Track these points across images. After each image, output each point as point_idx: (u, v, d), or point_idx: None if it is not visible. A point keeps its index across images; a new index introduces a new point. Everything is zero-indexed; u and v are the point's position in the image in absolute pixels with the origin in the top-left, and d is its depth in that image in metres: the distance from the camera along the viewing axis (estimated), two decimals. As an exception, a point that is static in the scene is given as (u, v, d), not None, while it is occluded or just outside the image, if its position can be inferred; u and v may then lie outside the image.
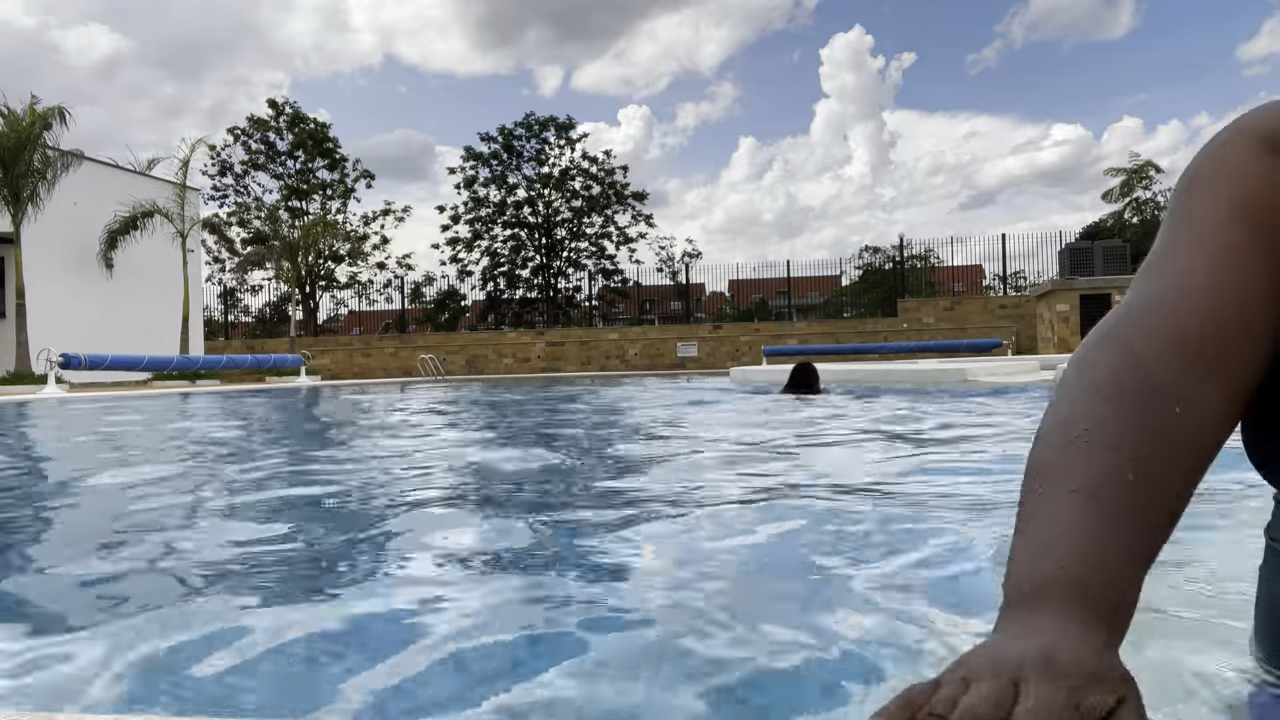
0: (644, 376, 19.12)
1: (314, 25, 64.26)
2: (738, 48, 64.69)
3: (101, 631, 1.48)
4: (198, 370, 18.29)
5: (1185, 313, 0.66)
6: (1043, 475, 0.59)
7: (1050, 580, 0.52)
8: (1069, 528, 0.55)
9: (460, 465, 3.97)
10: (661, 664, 1.26)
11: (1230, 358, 0.64)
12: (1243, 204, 0.70)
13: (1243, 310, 0.66)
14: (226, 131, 35.77)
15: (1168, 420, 0.61)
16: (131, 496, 3.16)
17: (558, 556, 2.02)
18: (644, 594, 1.67)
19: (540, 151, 36.02)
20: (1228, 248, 0.68)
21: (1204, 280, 0.67)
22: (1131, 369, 0.63)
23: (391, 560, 2.01)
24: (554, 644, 1.37)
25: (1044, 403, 1.88)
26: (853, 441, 4.54)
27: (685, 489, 2.97)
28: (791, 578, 1.79)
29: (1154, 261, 0.72)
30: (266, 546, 2.17)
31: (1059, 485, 0.58)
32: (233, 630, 1.44)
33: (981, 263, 26.53)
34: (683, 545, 2.10)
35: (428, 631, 1.43)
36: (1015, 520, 0.58)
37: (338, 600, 1.67)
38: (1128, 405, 0.61)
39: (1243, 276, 0.67)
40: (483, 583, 1.79)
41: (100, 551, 2.18)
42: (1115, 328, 0.68)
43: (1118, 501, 0.56)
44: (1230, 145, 0.73)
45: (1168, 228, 0.74)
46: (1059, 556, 0.53)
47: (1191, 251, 0.70)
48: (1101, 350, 0.67)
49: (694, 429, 5.67)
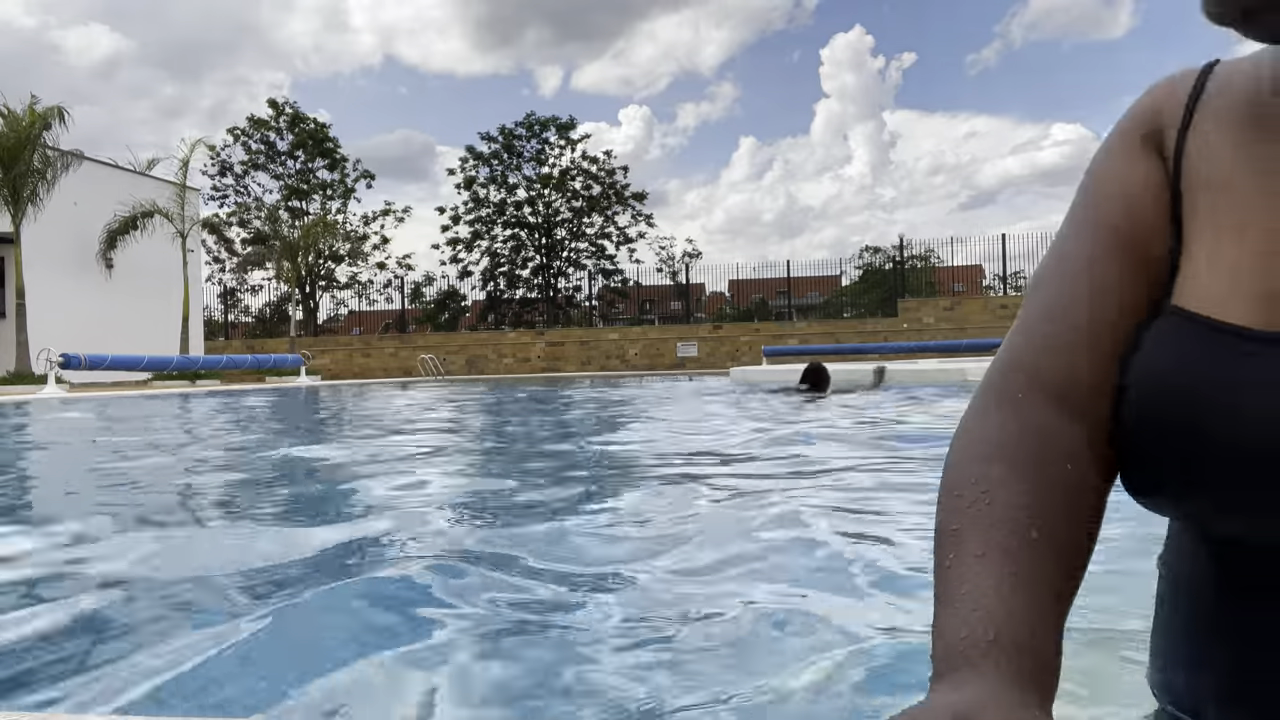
0: (645, 376, 19.11)
1: (314, 25, 64.29)
2: (738, 48, 64.72)
3: (101, 631, 1.48)
4: (198, 370, 18.28)
5: (1052, 349, 0.67)
6: (950, 543, 0.59)
7: (972, 647, 0.52)
8: (982, 595, 0.55)
9: (462, 464, 3.97)
10: (671, 664, 1.26)
11: (1095, 397, 0.65)
12: (1108, 217, 0.70)
13: (1097, 340, 0.66)
14: (227, 132, 35.80)
15: (1059, 473, 0.61)
16: (131, 496, 3.16)
17: (561, 552, 2.01)
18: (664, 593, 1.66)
19: (540, 151, 36.03)
20: (1089, 269, 0.69)
21: (1065, 308, 0.68)
22: (1020, 425, 0.64)
23: (391, 559, 2.01)
24: (555, 642, 1.37)
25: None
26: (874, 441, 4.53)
27: (714, 485, 2.97)
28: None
29: (1038, 275, 0.73)
30: (266, 547, 2.17)
31: (967, 552, 0.58)
32: (233, 630, 1.44)
33: (981, 263, 26.55)
34: (705, 539, 2.10)
35: (429, 632, 1.43)
36: (934, 590, 0.59)
37: (337, 600, 1.66)
38: (1021, 463, 0.62)
39: (1101, 301, 0.67)
40: (484, 583, 1.79)
41: (101, 551, 2.18)
42: (1002, 372, 0.69)
43: (1025, 562, 0.57)
44: (1110, 144, 0.74)
45: (1057, 234, 0.74)
46: (977, 623, 0.53)
47: (1058, 273, 0.71)
48: (991, 398, 0.68)
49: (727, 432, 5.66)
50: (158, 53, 67.62)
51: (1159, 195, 0.70)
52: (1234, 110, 0.68)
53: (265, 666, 1.30)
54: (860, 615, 1.46)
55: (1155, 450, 0.63)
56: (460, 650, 1.35)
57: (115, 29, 68.90)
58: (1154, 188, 0.70)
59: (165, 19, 69.33)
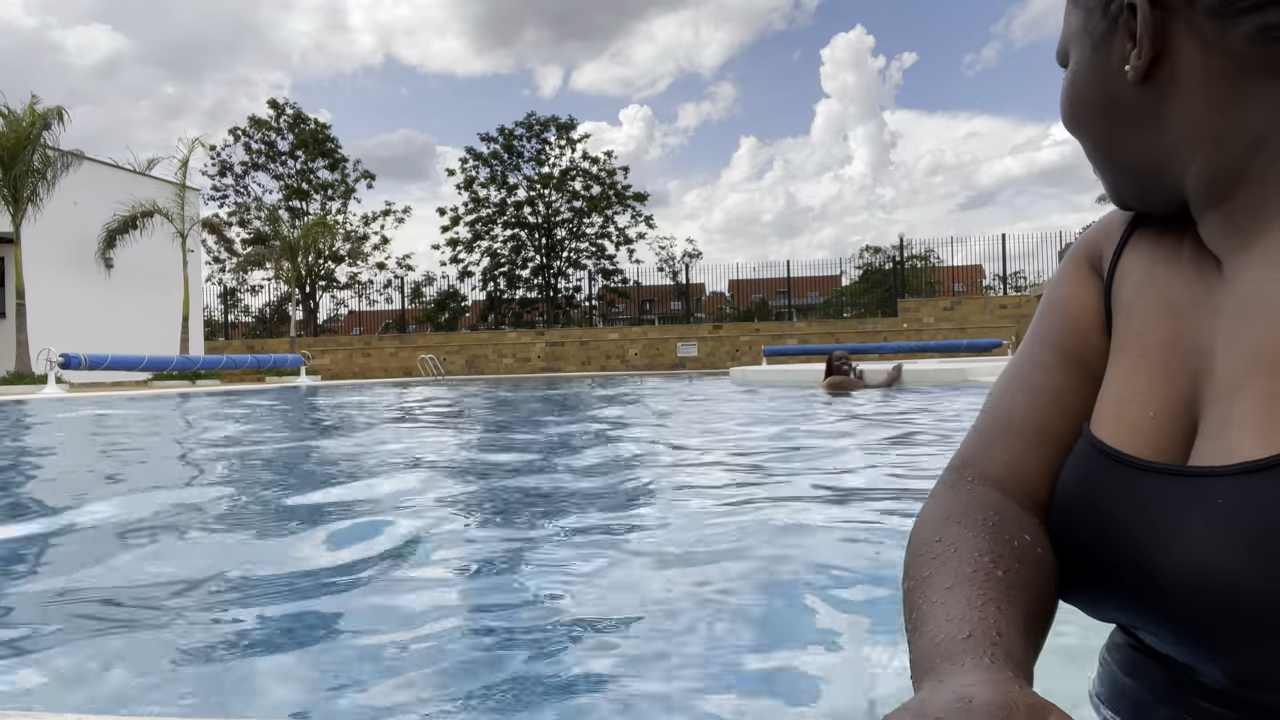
0: (645, 376, 19.10)
1: (315, 25, 64.27)
2: (738, 48, 64.70)
3: (101, 631, 1.48)
4: (197, 370, 18.27)
5: (998, 447, 0.74)
6: (921, 589, 0.63)
7: (955, 646, 0.54)
8: (955, 609, 0.58)
9: (462, 464, 3.97)
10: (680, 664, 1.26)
11: (1041, 493, 0.72)
12: (1059, 333, 0.77)
13: (1039, 442, 0.73)
14: (228, 132, 35.80)
15: (1017, 539, 0.66)
16: (131, 496, 3.16)
17: (565, 549, 2.01)
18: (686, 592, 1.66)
19: (540, 151, 36.01)
20: (1033, 378, 0.76)
21: (1010, 411, 0.76)
22: (973, 499, 0.70)
23: (392, 560, 2.01)
24: (556, 641, 1.37)
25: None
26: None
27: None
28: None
29: (995, 384, 0.80)
30: (265, 547, 2.17)
31: (937, 587, 0.62)
32: (231, 630, 1.44)
33: (981, 263, 26.54)
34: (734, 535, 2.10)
35: (430, 631, 1.43)
36: (907, 636, 0.61)
37: (336, 599, 1.66)
38: (979, 525, 0.67)
39: (1044, 409, 0.74)
40: (487, 582, 1.78)
41: (100, 551, 2.18)
42: (955, 468, 0.76)
43: (994, 589, 0.60)
44: (1063, 266, 0.81)
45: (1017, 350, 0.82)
46: (954, 629, 0.56)
47: (1009, 381, 0.78)
48: (946, 487, 0.74)
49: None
50: (158, 52, 67.68)
51: (1099, 315, 0.76)
52: (1158, 235, 0.75)
53: (265, 666, 1.30)
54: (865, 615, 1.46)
55: (1063, 555, 0.68)
56: (460, 650, 1.35)
57: (116, 29, 68.97)
58: (1093, 308, 0.76)
59: (166, 19, 69.36)
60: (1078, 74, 0.72)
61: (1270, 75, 0.62)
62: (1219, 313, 0.66)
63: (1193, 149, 0.66)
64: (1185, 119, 0.66)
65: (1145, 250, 0.75)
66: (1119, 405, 0.70)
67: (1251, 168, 0.64)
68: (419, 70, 67.09)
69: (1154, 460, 0.65)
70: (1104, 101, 0.70)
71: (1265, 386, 0.59)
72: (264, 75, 61.42)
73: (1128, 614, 0.67)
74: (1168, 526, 0.62)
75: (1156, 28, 0.65)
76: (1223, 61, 0.63)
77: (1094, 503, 0.68)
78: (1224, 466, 0.60)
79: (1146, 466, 0.65)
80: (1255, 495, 0.57)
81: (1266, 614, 0.55)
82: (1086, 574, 0.67)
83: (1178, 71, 0.65)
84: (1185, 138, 0.66)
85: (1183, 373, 0.67)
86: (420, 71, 67.70)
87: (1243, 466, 0.58)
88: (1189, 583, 0.59)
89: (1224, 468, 0.60)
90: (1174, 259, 0.72)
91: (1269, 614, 0.55)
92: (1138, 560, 0.63)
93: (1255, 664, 0.58)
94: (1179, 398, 0.66)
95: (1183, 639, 0.62)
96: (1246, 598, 0.56)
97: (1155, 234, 0.75)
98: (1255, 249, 0.64)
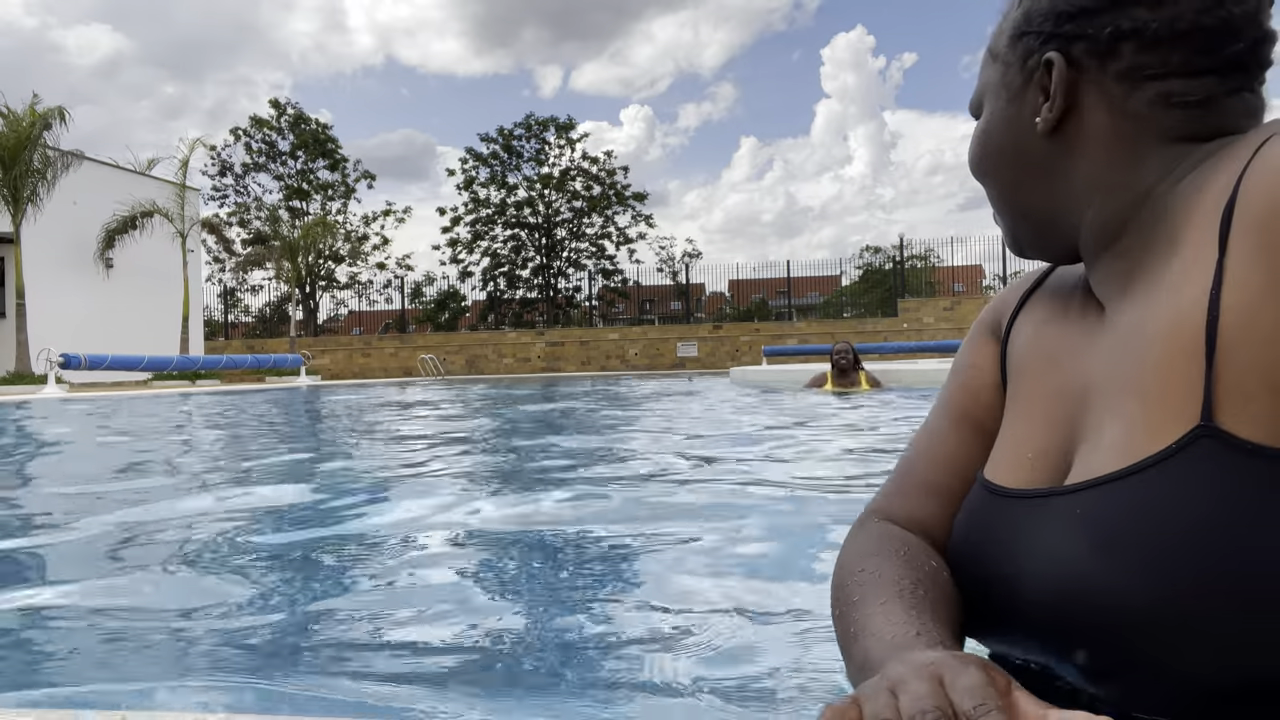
0: (645, 376, 19.12)
1: (315, 26, 64.36)
2: (738, 49, 64.76)
3: (101, 631, 1.48)
4: (198, 370, 18.28)
5: (900, 496, 0.84)
6: (855, 609, 0.68)
7: (908, 641, 0.60)
8: (901, 618, 0.64)
9: (462, 464, 3.97)
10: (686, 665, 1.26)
11: (940, 538, 0.80)
12: (956, 399, 0.85)
13: (934, 492, 0.81)
14: (229, 132, 35.84)
15: (930, 567, 0.73)
16: (131, 496, 3.16)
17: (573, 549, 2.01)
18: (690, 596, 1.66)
19: (540, 152, 36.02)
20: (933, 437, 0.85)
21: (912, 465, 0.85)
22: (886, 533, 0.78)
23: (392, 559, 2.01)
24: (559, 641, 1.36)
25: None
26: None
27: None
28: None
29: (910, 441, 0.89)
30: (265, 546, 2.17)
31: (872, 603, 0.67)
32: (231, 631, 1.44)
33: (981, 263, 26.57)
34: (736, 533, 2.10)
35: (430, 631, 1.43)
36: (844, 647, 0.67)
37: (337, 599, 1.66)
38: (894, 554, 0.74)
39: (941, 464, 0.82)
40: (489, 581, 1.78)
41: (100, 551, 2.17)
42: (866, 515, 0.85)
43: (923, 602, 0.66)
44: (968, 336, 0.88)
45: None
46: (904, 631, 0.62)
47: (916, 439, 0.87)
48: (859, 529, 0.82)
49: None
50: (159, 52, 67.78)
51: (995, 377, 0.83)
52: (1050, 297, 0.81)
53: (265, 665, 1.29)
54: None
55: (959, 586, 0.74)
56: (461, 649, 1.35)
57: (116, 29, 69.08)
58: (990, 371, 0.83)
59: (166, 19, 69.45)
60: (991, 124, 0.78)
61: (1165, 137, 0.67)
62: (1097, 355, 0.71)
63: (1088, 198, 0.71)
64: (1086, 171, 0.70)
65: (1037, 312, 0.81)
66: (1007, 450, 0.76)
67: (1138, 216, 0.68)
68: (419, 70, 67.23)
69: (1030, 489, 0.72)
70: (1013, 151, 0.75)
71: (1127, 410, 0.64)
72: (264, 75, 61.51)
73: (1002, 633, 0.72)
74: (1032, 543, 0.67)
75: (1069, 85, 0.70)
76: (1126, 122, 0.68)
77: (976, 534, 0.74)
78: (1083, 482, 0.65)
79: (1020, 494, 0.71)
80: (1104, 502, 0.62)
81: (1115, 609, 0.59)
82: (973, 602, 0.73)
83: (1084, 127, 0.70)
84: (1084, 187, 0.71)
85: (1062, 418, 0.71)
86: (420, 72, 67.84)
87: (1098, 480, 0.63)
88: (1045, 588, 0.65)
89: (1082, 483, 0.65)
90: (1061, 316, 0.78)
91: (1117, 609, 0.59)
92: (1005, 577, 0.69)
93: (1112, 665, 0.61)
94: (1059, 438, 0.72)
95: (1048, 649, 0.67)
96: (1097, 594, 0.60)
97: (1047, 297, 0.82)
98: (1134, 290, 0.68)
